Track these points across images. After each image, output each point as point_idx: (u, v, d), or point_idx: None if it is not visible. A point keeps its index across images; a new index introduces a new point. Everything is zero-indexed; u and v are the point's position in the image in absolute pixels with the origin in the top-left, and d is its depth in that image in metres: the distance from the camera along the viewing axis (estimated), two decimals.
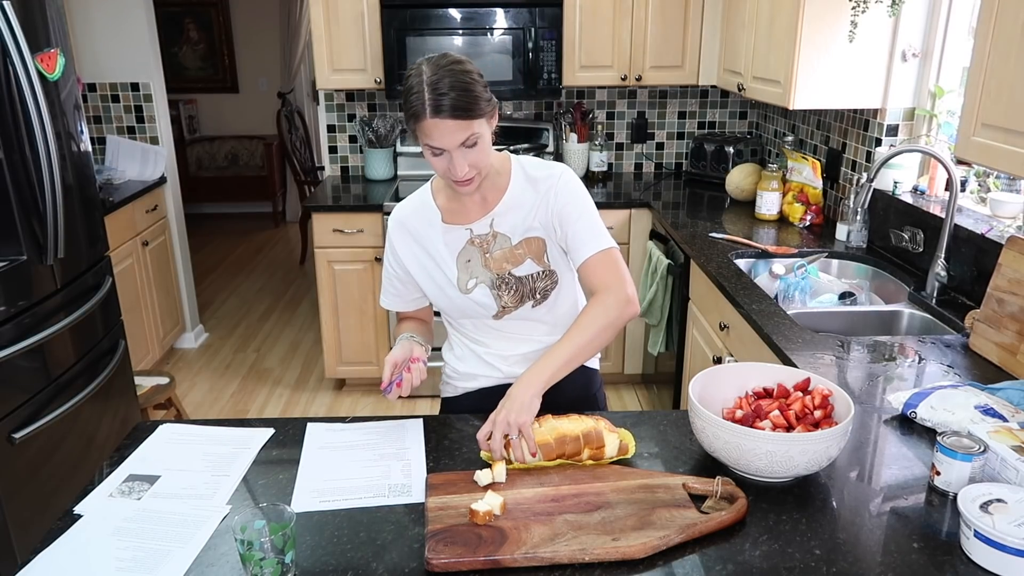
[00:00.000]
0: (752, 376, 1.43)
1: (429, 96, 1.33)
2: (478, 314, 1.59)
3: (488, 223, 1.54)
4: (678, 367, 2.99)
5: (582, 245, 1.50)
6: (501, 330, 1.61)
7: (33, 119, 2.25)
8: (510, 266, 1.54)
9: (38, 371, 2.37)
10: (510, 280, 1.54)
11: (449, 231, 1.55)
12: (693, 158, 3.84)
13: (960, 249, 2.17)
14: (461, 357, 1.69)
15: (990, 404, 1.42)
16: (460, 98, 1.33)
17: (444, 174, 1.43)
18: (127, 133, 4.03)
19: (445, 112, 1.33)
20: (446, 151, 1.38)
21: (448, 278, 1.56)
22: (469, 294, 1.55)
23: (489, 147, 1.43)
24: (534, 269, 1.54)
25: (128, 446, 1.45)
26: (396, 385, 1.47)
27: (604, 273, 1.49)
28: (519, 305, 1.56)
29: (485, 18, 3.39)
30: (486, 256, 1.54)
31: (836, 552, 1.12)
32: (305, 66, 6.67)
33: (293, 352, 4.36)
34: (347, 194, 3.69)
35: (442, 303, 1.61)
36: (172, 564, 1.12)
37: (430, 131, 1.35)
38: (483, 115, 1.38)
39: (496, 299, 1.56)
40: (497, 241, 1.54)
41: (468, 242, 1.54)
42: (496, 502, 1.18)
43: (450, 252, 1.55)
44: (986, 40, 1.60)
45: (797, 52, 2.60)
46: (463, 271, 1.55)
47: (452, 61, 1.37)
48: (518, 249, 1.54)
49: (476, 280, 1.55)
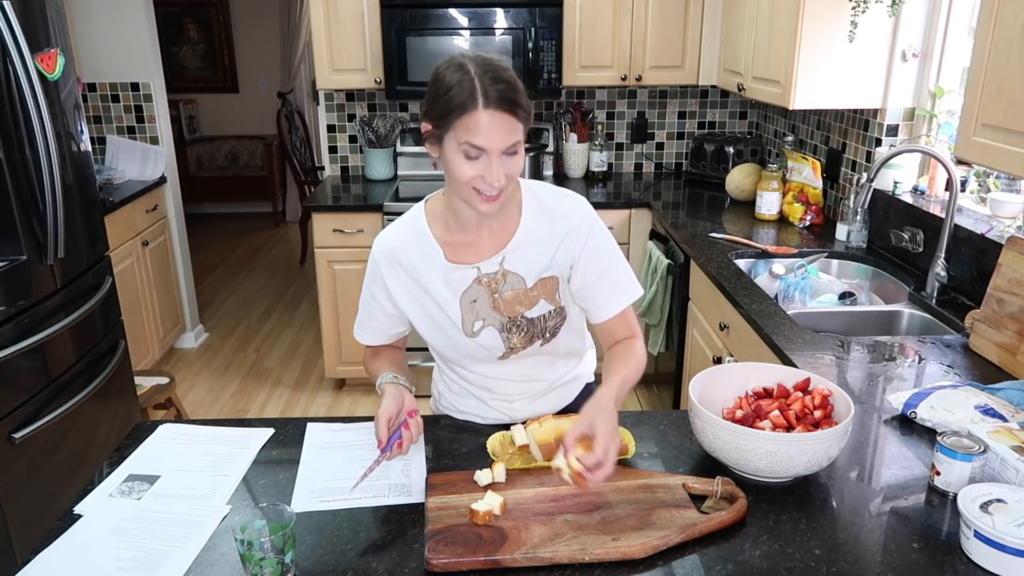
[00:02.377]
0: (752, 376, 1.43)
1: (480, 85, 1.20)
2: (482, 356, 1.47)
3: (498, 261, 1.39)
4: (678, 367, 2.99)
5: (608, 302, 1.43)
6: (502, 376, 1.50)
7: (33, 119, 2.25)
8: (523, 308, 1.41)
9: (38, 371, 2.37)
10: (522, 322, 1.42)
11: (453, 270, 1.39)
12: (693, 158, 3.84)
13: (960, 249, 2.17)
14: (459, 393, 1.58)
15: (990, 404, 1.42)
16: (511, 92, 1.22)
17: (470, 182, 1.25)
18: (127, 133, 4.03)
19: (496, 103, 1.20)
20: (486, 153, 1.23)
21: (451, 319, 1.42)
22: (475, 337, 1.43)
23: (522, 163, 1.29)
24: (546, 309, 1.43)
25: (128, 446, 1.45)
26: (396, 445, 1.29)
27: (627, 326, 1.46)
28: (528, 345, 1.46)
29: (485, 18, 3.39)
30: (494, 296, 1.40)
31: (836, 552, 1.12)
32: (305, 66, 6.67)
33: (293, 352, 4.36)
34: (347, 194, 3.69)
35: (440, 344, 1.48)
36: (172, 564, 1.12)
37: (477, 125, 1.20)
38: (526, 120, 1.26)
39: (505, 341, 1.44)
40: (508, 281, 1.40)
41: (475, 281, 1.40)
42: (496, 502, 1.18)
43: (452, 292, 1.41)
44: (986, 40, 1.60)
45: (797, 52, 2.60)
46: (468, 312, 1.41)
47: (495, 58, 1.27)
48: (533, 291, 1.41)
49: (483, 322, 1.41)
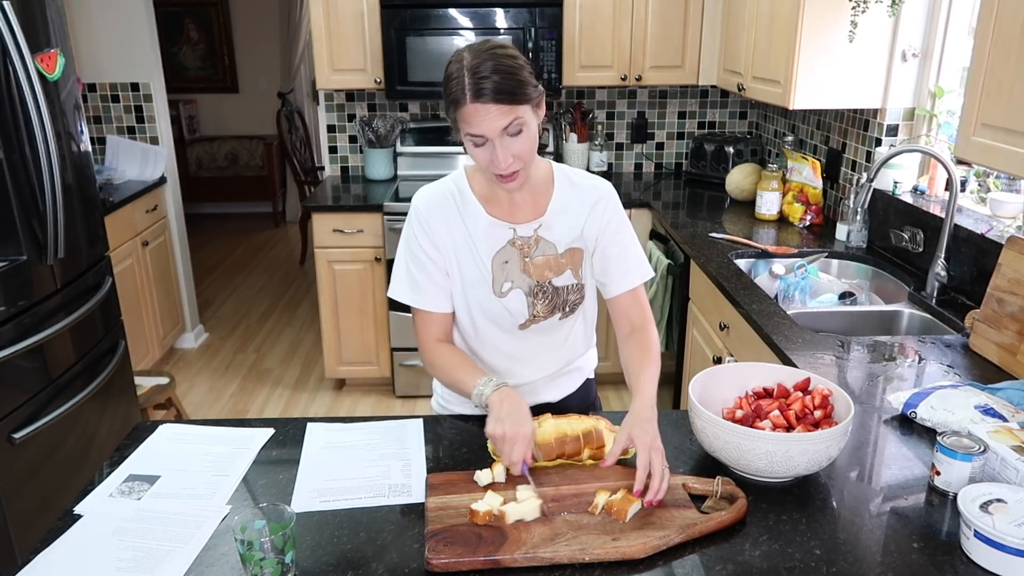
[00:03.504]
0: (752, 376, 1.43)
1: (469, 80, 1.25)
2: (504, 321, 1.49)
3: (534, 228, 1.46)
4: (678, 367, 2.99)
5: (624, 274, 1.50)
6: (516, 351, 1.54)
7: (33, 119, 2.24)
8: (552, 274, 1.47)
9: (38, 371, 2.37)
10: (548, 289, 1.48)
11: (492, 226, 1.44)
12: (693, 158, 3.84)
13: (960, 249, 2.17)
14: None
15: (990, 404, 1.42)
16: (503, 81, 1.26)
17: (487, 167, 1.33)
18: (127, 133, 4.03)
19: (486, 96, 1.25)
20: (488, 140, 1.29)
21: (483, 276, 1.46)
22: (503, 298, 1.47)
23: (536, 139, 1.33)
24: (571, 281, 1.50)
25: (128, 446, 1.45)
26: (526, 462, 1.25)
27: (640, 308, 1.53)
28: (549, 316, 1.50)
29: (485, 18, 3.39)
30: (525, 260, 1.45)
31: (836, 552, 1.12)
32: (305, 66, 6.67)
33: (293, 352, 4.36)
34: (347, 194, 3.69)
35: (465, 303, 1.49)
36: (172, 564, 1.12)
37: (470, 117, 1.27)
38: (528, 101, 1.29)
39: (530, 306, 1.48)
40: (540, 247, 1.46)
41: (509, 242, 1.45)
42: (496, 502, 1.18)
43: (487, 249, 1.45)
44: (986, 40, 1.60)
45: (797, 52, 2.60)
46: (499, 272, 1.45)
47: (495, 45, 1.31)
48: (562, 258, 1.48)
49: (512, 284, 1.46)
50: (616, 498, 1.19)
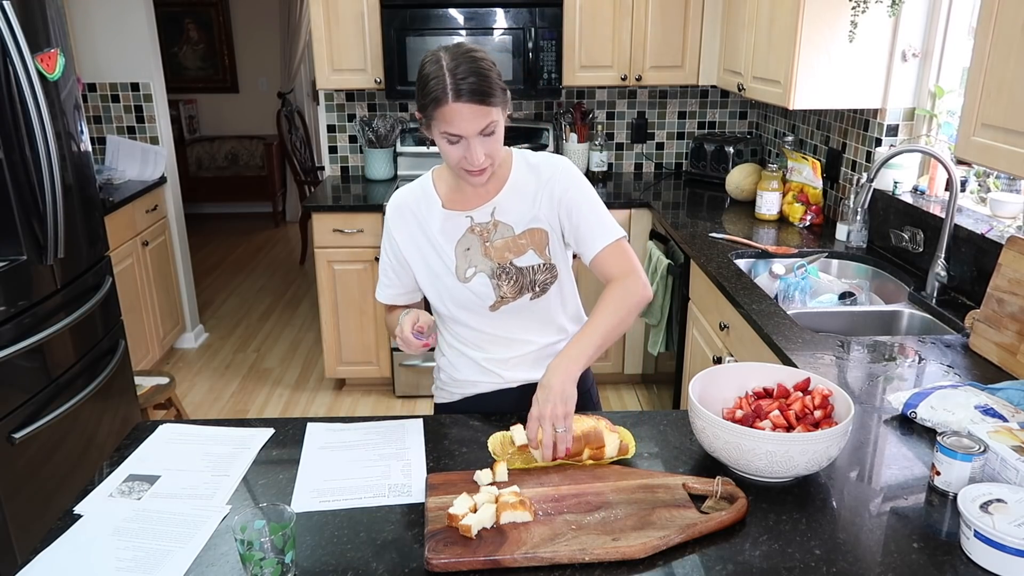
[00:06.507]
0: (752, 376, 1.43)
1: (451, 81, 1.33)
2: (474, 305, 1.57)
3: (490, 211, 1.53)
4: (678, 367, 2.99)
5: (594, 237, 1.51)
6: (495, 331, 1.59)
7: (33, 119, 2.25)
8: (512, 255, 1.53)
9: (38, 371, 2.37)
10: (511, 270, 1.54)
11: (449, 217, 1.54)
12: (693, 158, 3.84)
13: (960, 249, 2.17)
14: (457, 365, 1.66)
15: (990, 404, 1.42)
16: (480, 83, 1.34)
17: (458, 163, 1.42)
18: (127, 133, 4.03)
19: (466, 96, 1.34)
20: (464, 138, 1.38)
21: (446, 265, 1.55)
22: (467, 283, 1.54)
23: (502, 138, 1.44)
24: (536, 261, 1.54)
25: (128, 446, 1.45)
26: (424, 344, 1.48)
27: (621, 261, 1.51)
28: (518, 296, 1.55)
29: (485, 18, 3.39)
30: (486, 245, 1.53)
31: (836, 552, 1.12)
32: (305, 66, 6.67)
33: (293, 352, 4.36)
34: (347, 194, 3.69)
35: (436, 293, 1.59)
36: (172, 564, 1.12)
37: (451, 116, 1.36)
38: (500, 103, 1.39)
39: (495, 288, 1.54)
40: (498, 230, 1.53)
41: (468, 230, 1.53)
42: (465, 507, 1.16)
43: (448, 239, 1.54)
44: (986, 40, 1.60)
45: (797, 52, 2.60)
46: (462, 259, 1.54)
47: (469, 49, 1.39)
48: (521, 239, 1.54)
49: (475, 269, 1.54)
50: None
